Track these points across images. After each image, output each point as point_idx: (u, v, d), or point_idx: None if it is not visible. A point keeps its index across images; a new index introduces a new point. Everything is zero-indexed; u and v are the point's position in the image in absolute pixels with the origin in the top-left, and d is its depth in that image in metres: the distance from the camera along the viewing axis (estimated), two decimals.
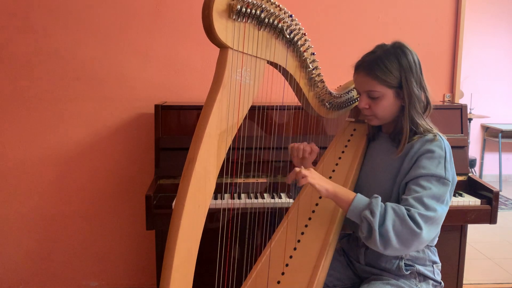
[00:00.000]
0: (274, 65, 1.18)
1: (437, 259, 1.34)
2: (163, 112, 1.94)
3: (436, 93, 2.39)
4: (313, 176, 1.19)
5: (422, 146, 1.22)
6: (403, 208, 1.12)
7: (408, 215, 1.11)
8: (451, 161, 1.22)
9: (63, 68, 2.19)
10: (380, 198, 1.15)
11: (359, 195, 1.18)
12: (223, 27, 0.96)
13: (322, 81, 1.36)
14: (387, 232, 1.09)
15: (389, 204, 1.13)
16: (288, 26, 1.13)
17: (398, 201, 1.23)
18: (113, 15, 2.18)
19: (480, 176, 5.18)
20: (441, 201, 1.15)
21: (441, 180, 1.16)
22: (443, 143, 1.22)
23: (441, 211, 1.15)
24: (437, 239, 1.33)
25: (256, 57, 1.07)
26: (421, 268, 1.29)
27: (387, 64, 1.23)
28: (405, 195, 1.18)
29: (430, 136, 1.23)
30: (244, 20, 1.01)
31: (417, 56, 1.26)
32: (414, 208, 1.12)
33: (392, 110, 1.28)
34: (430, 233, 1.13)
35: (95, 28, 2.18)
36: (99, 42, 2.19)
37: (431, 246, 1.33)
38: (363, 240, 1.17)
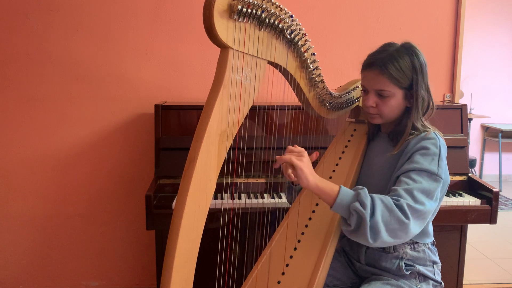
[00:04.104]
0: (275, 65, 1.18)
1: (437, 259, 1.34)
2: (163, 112, 1.94)
3: (436, 93, 2.39)
4: (304, 164, 1.10)
5: (417, 143, 1.22)
6: (389, 198, 1.10)
7: (397, 204, 1.09)
8: (445, 160, 1.22)
9: (63, 68, 2.19)
10: (366, 189, 1.12)
11: (343, 187, 1.12)
12: (224, 27, 0.96)
13: (322, 82, 1.36)
14: (377, 223, 1.06)
15: (375, 195, 1.10)
16: (289, 27, 1.13)
17: None
18: (113, 15, 2.18)
19: (480, 176, 5.18)
20: (430, 197, 1.14)
21: (433, 176, 1.16)
22: (438, 141, 1.21)
23: (430, 206, 1.13)
24: (432, 238, 1.33)
25: (257, 57, 1.07)
26: (421, 268, 1.29)
27: (401, 63, 1.22)
28: (396, 186, 1.17)
29: (425, 134, 1.23)
30: (245, 20, 1.01)
31: (425, 58, 1.26)
32: (403, 198, 1.11)
33: (397, 110, 1.28)
34: (416, 226, 1.12)
35: (95, 28, 2.18)
36: (99, 42, 2.19)
37: (431, 246, 1.33)
38: (348, 234, 1.13)
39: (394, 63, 1.22)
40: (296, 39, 1.17)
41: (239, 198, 1.79)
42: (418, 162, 1.17)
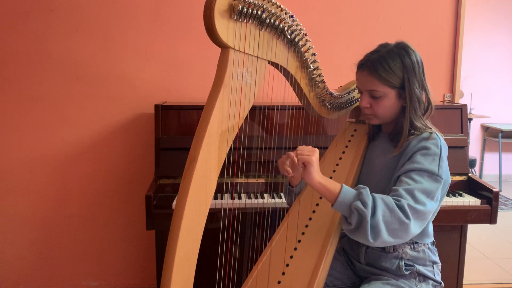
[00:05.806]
0: (275, 65, 1.18)
1: (437, 259, 1.34)
2: (163, 112, 1.94)
3: (436, 93, 2.39)
4: (314, 160, 1.14)
5: (418, 143, 1.22)
6: (391, 198, 1.11)
7: (398, 205, 1.10)
8: (446, 161, 1.22)
9: (63, 68, 2.19)
10: (368, 189, 1.13)
11: (345, 186, 1.14)
12: (224, 27, 0.96)
13: (323, 82, 1.36)
14: (378, 223, 1.07)
15: (377, 195, 1.11)
16: (289, 27, 1.13)
17: None
18: (113, 15, 2.18)
19: (480, 176, 5.18)
20: (431, 197, 1.14)
21: (433, 176, 1.16)
22: (439, 141, 1.21)
23: (430, 207, 1.14)
24: (432, 238, 1.33)
25: (257, 57, 1.07)
26: (421, 268, 1.29)
27: (390, 64, 1.23)
28: (396, 186, 1.17)
29: (426, 134, 1.23)
30: (245, 20, 1.01)
31: (420, 57, 1.26)
32: (404, 198, 1.11)
33: (393, 110, 1.28)
34: (417, 227, 1.12)
35: (95, 28, 2.17)
36: (99, 42, 2.19)
37: (431, 246, 1.33)
38: (349, 232, 1.13)
39: (383, 64, 1.23)
40: (296, 39, 1.17)
41: (239, 198, 1.79)
42: (418, 162, 1.18)
